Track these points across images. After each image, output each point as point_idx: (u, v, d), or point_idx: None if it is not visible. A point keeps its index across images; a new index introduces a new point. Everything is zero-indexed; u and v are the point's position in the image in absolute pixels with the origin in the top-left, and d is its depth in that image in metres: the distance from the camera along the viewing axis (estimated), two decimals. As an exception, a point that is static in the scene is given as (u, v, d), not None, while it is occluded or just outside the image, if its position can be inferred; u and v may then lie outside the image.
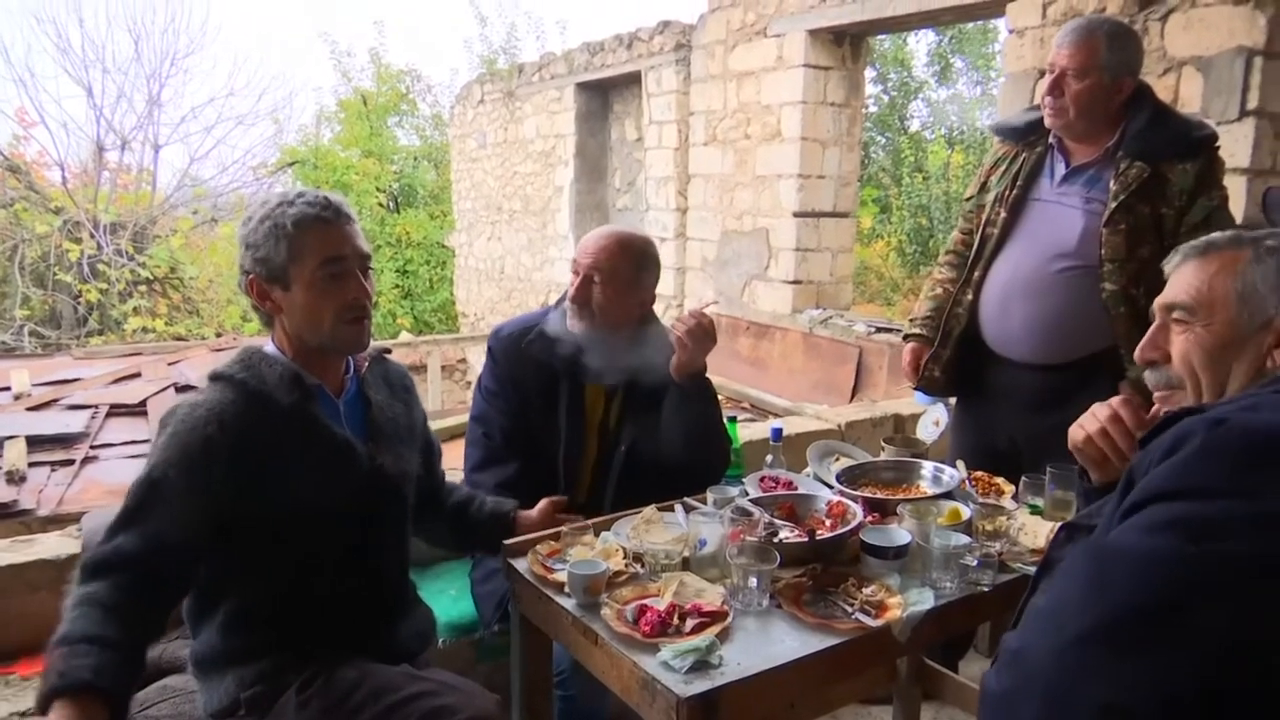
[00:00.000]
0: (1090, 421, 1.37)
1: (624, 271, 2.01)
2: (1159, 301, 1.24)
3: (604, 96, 9.28)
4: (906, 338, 2.54)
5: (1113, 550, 0.92)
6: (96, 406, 4.69)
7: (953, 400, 2.53)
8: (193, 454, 1.43)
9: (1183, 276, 1.21)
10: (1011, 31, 4.54)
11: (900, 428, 3.41)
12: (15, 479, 3.48)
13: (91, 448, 4.07)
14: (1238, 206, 3.40)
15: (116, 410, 4.69)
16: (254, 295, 1.56)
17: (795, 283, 6.61)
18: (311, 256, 1.51)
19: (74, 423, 4.34)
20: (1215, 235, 1.22)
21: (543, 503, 1.94)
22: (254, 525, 1.48)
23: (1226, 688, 0.81)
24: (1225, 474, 0.90)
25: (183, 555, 1.42)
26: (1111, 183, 2.11)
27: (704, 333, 1.97)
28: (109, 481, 3.57)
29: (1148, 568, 0.87)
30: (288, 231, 1.50)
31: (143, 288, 11.47)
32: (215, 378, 1.54)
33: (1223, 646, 0.81)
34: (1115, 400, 1.37)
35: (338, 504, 1.56)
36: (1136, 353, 1.28)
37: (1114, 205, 2.09)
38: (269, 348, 1.60)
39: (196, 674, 1.58)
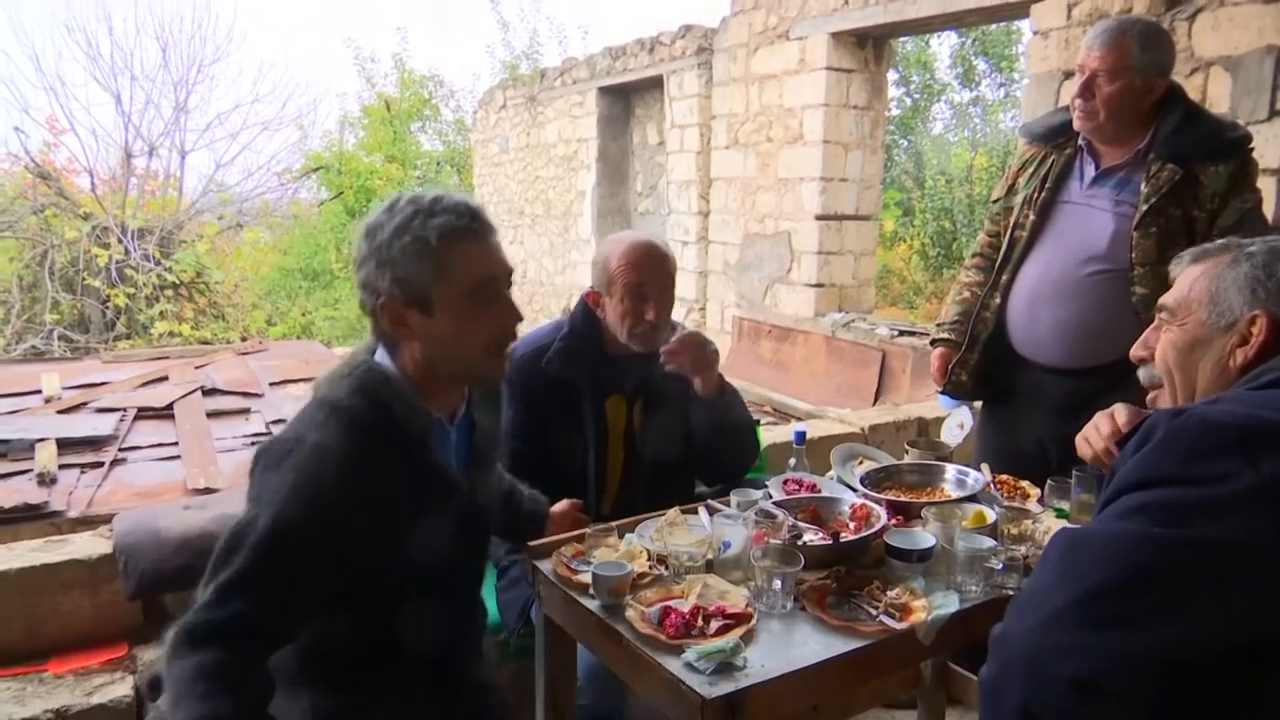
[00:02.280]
0: (1095, 438, 1.39)
1: (670, 275, 2.03)
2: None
3: (626, 100, 9.30)
4: (934, 343, 2.53)
5: (1085, 536, 0.97)
6: (125, 409, 4.74)
7: (977, 404, 2.51)
8: (324, 511, 1.24)
9: (1178, 280, 1.28)
10: (1036, 33, 4.51)
11: (924, 431, 3.40)
12: (46, 481, 3.52)
13: (120, 450, 4.10)
14: (1268, 208, 3.35)
15: (144, 413, 4.74)
16: (385, 319, 1.35)
17: (818, 286, 6.59)
18: (462, 277, 1.33)
19: (103, 425, 4.38)
20: (1211, 243, 1.29)
21: (564, 503, 1.94)
22: (377, 578, 1.33)
23: (1191, 663, 0.84)
24: (1182, 462, 0.95)
25: (306, 615, 1.29)
26: (1142, 185, 2.09)
27: (696, 345, 1.98)
28: (137, 483, 3.60)
29: (1117, 549, 0.91)
30: (432, 247, 1.31)
31: (169, 292, 11.58)
32: (337, 409, 1.32)
33: (1188, 624, 0.85)
34: (1116, 408, 1.39)
35: (446, 548, 1.41)
36: (1131, 351, 1.36)
37: (1145, 208, 2.07)
38: (389, 366, 1.39)
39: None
